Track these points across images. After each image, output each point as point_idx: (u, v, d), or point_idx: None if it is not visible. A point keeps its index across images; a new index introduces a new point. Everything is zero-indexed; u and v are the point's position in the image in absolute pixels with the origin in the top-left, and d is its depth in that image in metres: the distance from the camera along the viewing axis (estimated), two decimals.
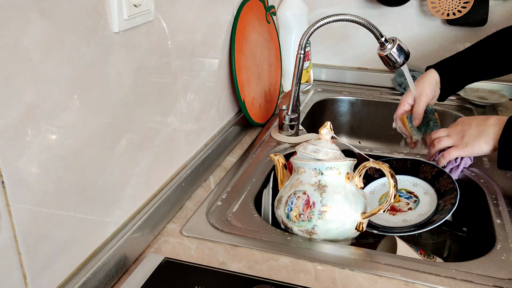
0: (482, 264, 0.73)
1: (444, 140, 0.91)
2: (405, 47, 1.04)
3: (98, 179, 0.66)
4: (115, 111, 0.68)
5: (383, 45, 1.04)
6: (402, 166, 1.02)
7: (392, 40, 1.04)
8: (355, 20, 1.02)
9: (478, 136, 0.84)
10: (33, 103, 0.53)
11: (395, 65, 1.04)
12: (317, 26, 1.03)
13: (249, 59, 1.14)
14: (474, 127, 0.84)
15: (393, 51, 1.03)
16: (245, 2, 1.12)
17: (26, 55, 0.51)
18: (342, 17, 1.02)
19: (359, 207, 0.79)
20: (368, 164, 0.78)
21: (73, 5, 0.57)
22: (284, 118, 1.15)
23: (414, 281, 0.69)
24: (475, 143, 0.84)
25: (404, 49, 1.04)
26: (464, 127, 0.87)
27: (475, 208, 0.95)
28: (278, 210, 0.83)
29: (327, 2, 1.52)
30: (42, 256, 0.57)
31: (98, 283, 0.66)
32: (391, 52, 1.03)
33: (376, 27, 1.03)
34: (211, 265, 0.71)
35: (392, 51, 1.03)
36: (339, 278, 0.70)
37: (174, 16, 0.81)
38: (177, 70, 0.84)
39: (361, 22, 1.02)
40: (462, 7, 1.35)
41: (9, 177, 0.50)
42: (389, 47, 1.03)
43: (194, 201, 0.90)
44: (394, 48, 1.03)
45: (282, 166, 0.88)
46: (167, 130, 0.83)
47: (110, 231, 0.70)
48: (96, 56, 0.62)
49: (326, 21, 1.02)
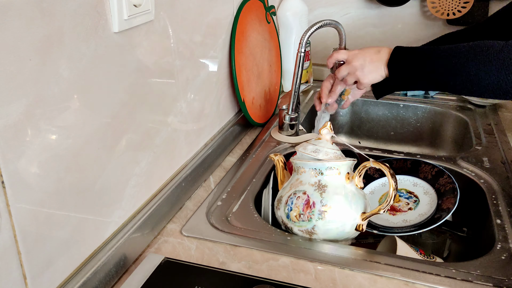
0: (482, 264, 0.73)
1: (344, 69, 0.99)
2: None
3: (98, 179, 0.66)
4: (115, 111, 0.68)
5: None
6: (402, 166, 1.02)
7: None
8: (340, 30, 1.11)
9: (374, 72, 0.95)
10: (33, 103, 0.53)
11: None
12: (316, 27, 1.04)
13: (249, 59, 1.14)
14: (369, 63, 0.95)
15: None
16: (245, 2, 1.12)
17: (26, 55, 0.51)
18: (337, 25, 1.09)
19: (359, 207, 0.79)
20: (368, 164, 0.78)
21: (73, 5, 0.57)
22: (284, 118, 1.15)
23: (414, 281, 0.69)
24: (372, 77, 0.95)
25: None
26: (362, 64, 0.96)
27: (475, 208, 0.95)
28: (278, 210, 0.83)
29: (327, 2, 1.52)
30: (42, 256, 0.57)
31: (98, 283, 0.66)
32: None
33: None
34: (211, 265, 0.71)
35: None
36: (339, 278, 0.70)
37: (174, 16, 0.81)
38: (177, 70, 0.84)
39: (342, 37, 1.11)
40: (462, 7, 1.35)
41: (9, 177, 0.50)
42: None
43: (194, 201, 0.90)
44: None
45: (282, 166, 0.88)
46: (167, 130, 0.83)
47: (110, 231, 0.70)
48: (96, 56, 0.62)
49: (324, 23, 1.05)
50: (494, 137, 1.15)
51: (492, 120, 1.25)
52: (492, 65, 0.78)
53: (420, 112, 1.37)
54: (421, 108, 1.37)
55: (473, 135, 1.18)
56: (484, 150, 1.09)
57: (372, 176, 1.03)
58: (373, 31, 1.52)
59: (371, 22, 1.50)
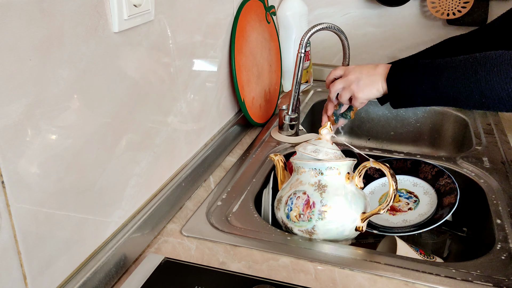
0: (482, 264, 0.73)
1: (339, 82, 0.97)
2: None
3: (98, 179, 0.66)
4: (115, 111, 0.68)
5: None
6: (402, 166, 1.02)
7: None
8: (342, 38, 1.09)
9: (370, 85, 0.92)
10: (33, 103, 0.53)
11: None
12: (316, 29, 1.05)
13: (249, 59, 1.14)
14: (366, 76, 0.92)
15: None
16: (245, 2, 1.12)
17: (26, 55, 0.51)
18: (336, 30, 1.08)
19: (359, 207, 0.79)
20: (368, 164, 0.78)
21: (73, 5, 0.57)
22: (284, 118, 1.15)
23: (414, 281, 0.69)
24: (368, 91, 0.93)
25: None
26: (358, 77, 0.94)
27: (475, 208, 0.95)
28: (278, 210, 0.83)
29: (327, 2, 1.52)
30: (42, 256, 0.57)
31: (98, 283, 0.66)
32: None
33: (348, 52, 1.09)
34: (211, 265, 0.71)
35: None
36: (339, 278, 0.70)
37: (174, 16, 0.81)
38: (177, 70, 0.84)
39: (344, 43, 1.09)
40: (462, 7, 1.35)
41: (9, 177, 0.50)
42: None
43: (194, 201, 0.90)
44: None
45: (282, 166, 0.88)
46: (167, 130, 0.83)
47: (110, 231, 0.70)
48: (96, 56, 0.62)
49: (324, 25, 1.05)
50: (494, 137, 1.15)
51: (492, 120, 1.25)
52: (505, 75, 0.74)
53: (420, 112, 1.37)
54: (421, 108, 1.37)
55: (473, 135, 1.18)
56: (484, 150, 1.09)
57: (372, 176, 1.03)
58: (373, 31, 1.52)
59: (371, 22, 1.50)
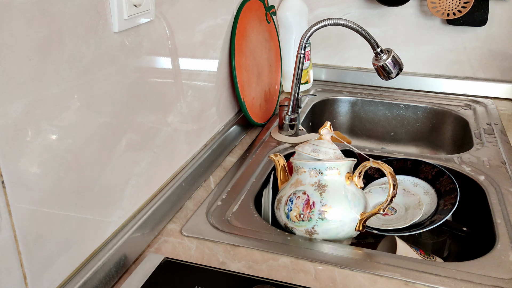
0: (482, 264, 0.73)
1: None
2: (400, 60, 1.05)
3: (98, 179, 0.66)
4: (115, 111, 0.68)
5: (378, 56, 1.04)
6: (402, 166, 1.02)
7: (387, 51, 1.04)
8: (353, 27, 1.03)
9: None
10: (33, 103, 0.53)
11: (390, 76, 1.05)
12: (317, 27, 1.04)
13: (249, 59, 1.14)
14: None
15: (388, 62, 1.04)
16: (245, 2, 1.12)
17: (26, 55, 0.51)
18: (342, 22, 1.03)
19: (359, 207, 0.79)
20: (368, 164, 0.78)
21: (73, 5, 0.57)
22: (284, 118, 1.15)
23: (414, 281, 0.69)
24: None
25: (399, 61, 1.05)
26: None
27: (475, 208, 0.95)
28: (278, 210, 0.83)
29: (327, 2, 1.52)
30: (42, 256, 0.57)
31: (98, 283, 0.66)
32: (386, 63, 1.04)
33: (372, 37, 1.03)
34: (211, 265, 0.71)
35: (387, 62, 1.04)
36: (339, 278, 0.70)
37: (174, 16, 0.81)
38: (177, 70, 0.84)
39: (359, 30, 1.03)
40: (462, 7, 1.35)
41: (9, 177, 0.50)
42: (384, 57, 1.04)
43: (194, 201, 0.90)
44: (389, 59, 1.04)
45: (282, 166, 0.88)
46: (167, 130, 0.83)
47: (110, 231, 0.70)
48: (96, 56, 0.62)
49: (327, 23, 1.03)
50: (494, 137, 1.15)
51: (492, 120, 1.25)
52: None
53: (420, 112, 1.37)
54: (421, 108, 1.37)
55: (474, 135, 1.18)
56: (484, 150, 1.09)
57: (372, 176, 1.03)
58: (373, 31, 1.52)
59: (371, 22, 1.50)
